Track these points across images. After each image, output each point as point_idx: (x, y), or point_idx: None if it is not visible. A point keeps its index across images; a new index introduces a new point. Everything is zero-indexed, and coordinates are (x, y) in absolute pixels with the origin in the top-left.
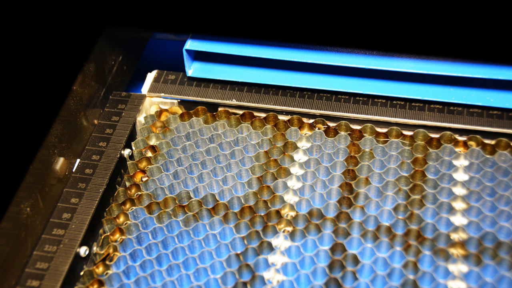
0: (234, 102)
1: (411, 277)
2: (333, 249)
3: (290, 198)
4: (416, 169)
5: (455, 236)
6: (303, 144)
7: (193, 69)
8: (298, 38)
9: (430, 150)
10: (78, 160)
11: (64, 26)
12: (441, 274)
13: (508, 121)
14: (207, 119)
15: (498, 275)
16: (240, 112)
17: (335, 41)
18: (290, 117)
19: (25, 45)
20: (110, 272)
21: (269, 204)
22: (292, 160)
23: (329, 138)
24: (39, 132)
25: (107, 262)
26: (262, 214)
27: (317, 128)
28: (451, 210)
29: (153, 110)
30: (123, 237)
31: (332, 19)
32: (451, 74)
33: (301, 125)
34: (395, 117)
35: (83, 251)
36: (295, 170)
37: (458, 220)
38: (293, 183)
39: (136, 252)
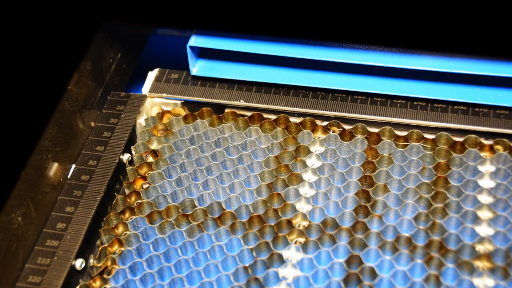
0: (242, 103)
1: None
2: (348, 262)
3: (303, 206)
4: (439, 175)
5: (480, 248)
6: (317, 149)
7: (198, 67)
8: (311, 34)
9: (454, 155)
10: (73, 166)
11: (58, 21)
12: None
13: None
14: (212, 122)
15: None
16: (249, 113)
17: (351, 37)
18: (303, 119)
19: (16, 42)
20: (108, 286)
21: (279, 213)
22: (304, 165)
23: (345, 142)
24: (31, 136)
25: (105, 276)
26: (272, 224)
27: (331, 131)
28: (476, 219)
29: (154, 112)
30: (122, 248)
31: (348, 13)
32: (476, 73)
33: (314, 128)
34: (416, 119)
35: (79, 264)
36: (308, 176)
37: (484, 230)
38: (305, 191)
39: (136, 265)
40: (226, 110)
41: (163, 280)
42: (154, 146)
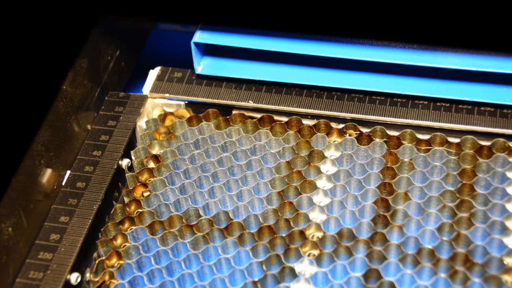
0: (250, 104)
1: None
2: (366, 276)
3: (316, 216)
4: (464, 182)
5: (509, 261)
6: (332, 153)
7: (203, 65)
8: (326, 30)
9: (480, 160)
10: (68, 172)
11: (51, 15)
12: None
13: None
14: (219, 124)
15: None
16: (258, 115)
17: (369, 33)
18: (316, 121)
19: (6, 38)
20: None
21: (291, 223)
22: (318, 171)
23: (362, 146)
24: (22, 140)
25: None
26: (284, 235)
27: (347, 134)
28: (505, 230)
29: (156, 114)
30: (121, 261)
31: (366, 6)
32: (505, 71)
33: (329, 131)
34: (439, 122)
35: (74, 278)
36: (322, 183)
37: None
38: (319, 199)
39: (137, 279)
40: (234, 112)
41: None
42: (155, 150)
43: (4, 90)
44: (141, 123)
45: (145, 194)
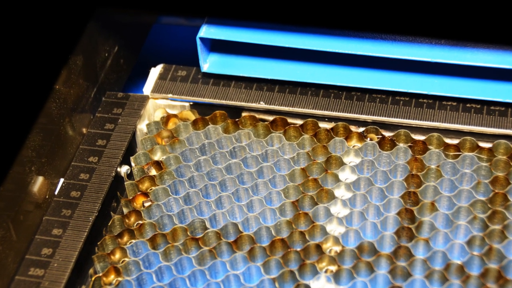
0: (262, 105)
1: None
2: None
3: (334, 228)
4: (496, 191)
5: None
6: (351, 160)
7: (210, 62)
8: (345, 24)
9: None
10: (61, 180)
11: (43, 8)
12: None
13: None
14: (227, 127)
15: None
16: (270, 118)
17: (392, 27)
18: (334, 124)
19: None
20: None
21: (307, 237)
22: (336, 179)
23: (384, 152)
24: (11, 145)
25: None
26: (298, 249)
27: (368, 138)
28: None
29: (158, 116)
30: (119, 278)
31: None
32: None
33: (348, 135)
34: (469, 125)
35: None
36: (341, 192)
37: None
38: (338, 210)
39: None
40: (243, 114)
41: None
42: (157, 156)
43: None
44: (142, 126)
45: (146, 204)
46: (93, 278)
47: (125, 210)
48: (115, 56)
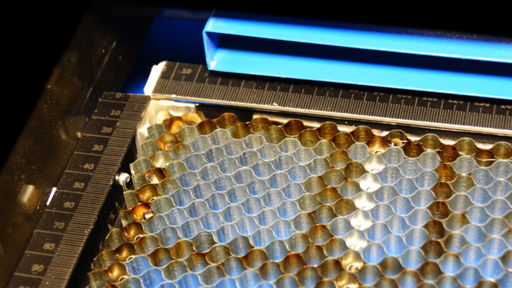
0: (275, 106)
1: None
2: None
3: (355, 242)
4: None
5: None
6: (373, 167)
7: (217, 60)
8: (366, 17)
9: None
10: (54, 189)
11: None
12: None
13: None
14: (236, 131)
15: None
16: (284, 121)
17: (418, 21)
18: (355, 128)
19: None
20: None
21: (325, 252)
22: (357, 189)
23: (410, 158)
24: None
25: None
26: (315, 265)
27: (392, 143)
28: None
29: (160, 118)
30: None
31: None
32: None
33: (370, 140)
34: (504, 128)
35: None
36: (362, 203)
37: None
38: (359, 222)
39: None
40: (254, 116)
41: None
42: (160, 163)
43: None
44: (143, 130)
45: (147, 216)
46: None
47: (124, 223)
48: (113, 52)
